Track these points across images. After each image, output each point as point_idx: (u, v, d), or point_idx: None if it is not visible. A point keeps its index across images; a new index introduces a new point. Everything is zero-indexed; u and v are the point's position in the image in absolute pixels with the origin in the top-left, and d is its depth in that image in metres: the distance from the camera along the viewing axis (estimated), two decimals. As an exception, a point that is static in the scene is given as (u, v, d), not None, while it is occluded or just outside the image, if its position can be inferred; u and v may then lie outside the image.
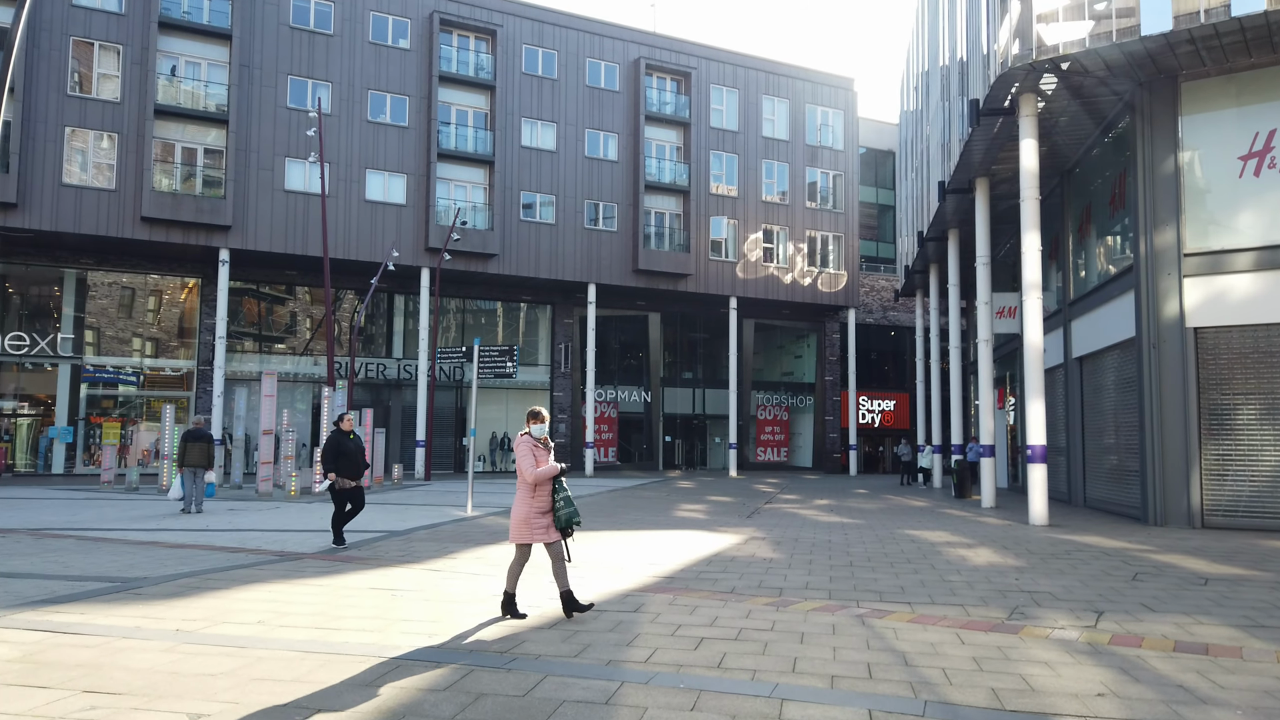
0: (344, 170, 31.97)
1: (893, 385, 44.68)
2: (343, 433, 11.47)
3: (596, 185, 36.29)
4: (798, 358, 44.27)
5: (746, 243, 38.95)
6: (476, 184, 34.57)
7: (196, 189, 30.17)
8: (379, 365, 34.91)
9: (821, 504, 21.20)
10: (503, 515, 16.21)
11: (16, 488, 23.63)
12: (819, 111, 41.19)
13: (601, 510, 18.00)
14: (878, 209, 48.28)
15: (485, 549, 11.43)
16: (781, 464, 42.46)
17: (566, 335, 37.72)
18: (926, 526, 15.51)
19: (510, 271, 34.44)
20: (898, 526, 15.39)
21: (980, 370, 21.53)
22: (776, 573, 9.84)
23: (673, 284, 37.28)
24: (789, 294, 39.69)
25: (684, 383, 40.95)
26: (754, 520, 16.49)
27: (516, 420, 37.38)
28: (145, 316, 32.38)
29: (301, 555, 10.56)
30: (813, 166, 40.85)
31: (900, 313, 44.61)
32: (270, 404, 19.85)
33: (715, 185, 38.66)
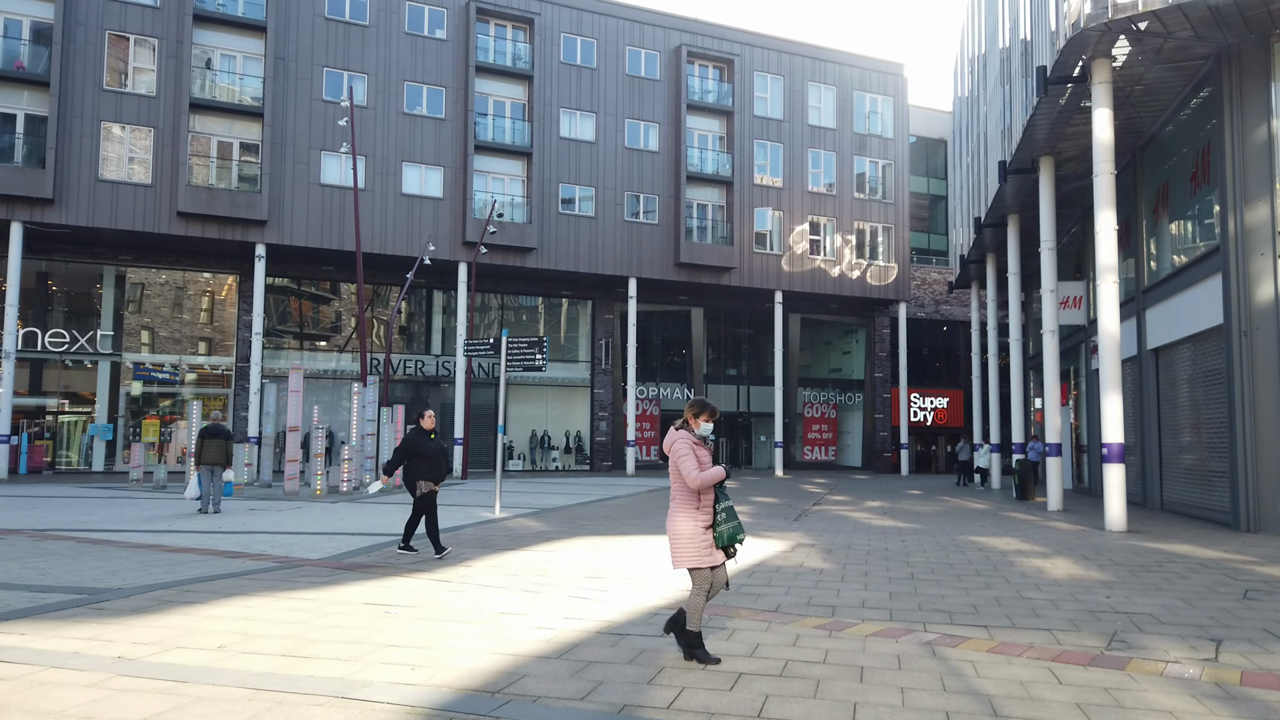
0: (380, 163, 31.27)
1: (945, 382, 42.94)
2: (423, 431, 10.26)
3: (637, 176, 35.19)
4: (846, 354, 42.74)
5: (792, 235, 37.56)
6: (514, 176, 33.67)
7: (232, 183, 29.68)
8: (418, 362, 34.20)
9: (874, 506, 19.86)
10: (532, 517, 15.18)
11: (50, 485, 23.21)
12: (867, 98, 39.64)
13: (638, 512, 16.89)
14: (929, 199, 46.50)
15: (504, 556, 10.38)
16: (829, 463, 40.98)
17: (607, 331, 36.68)
18: (992, 532, 14.14)
19: (549, 266, 33.49)
20: (960, 532, 14.05)
21: (1045, 364, 20.05)
22: (828, 586, 8.63)
23: (716, 278, 36.05)
24: (836, 287, 38.22)
25: (728, 380, 39.68)
26: (801, 524, 15.26)
27: (557, 418, 36.45)
28: (185, 313, 32.01)
29: (305, 562, 9.60)
30: (861, 155, 39.31)
31: (953, 306, 42.85)
32: (296, 400, 19.06)
33: (759, 176, 37.34)
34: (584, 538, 12.16)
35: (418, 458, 10.11)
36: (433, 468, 10.16)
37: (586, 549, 11.05)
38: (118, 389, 30.51)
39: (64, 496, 18.65)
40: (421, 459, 10.11)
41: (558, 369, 36.59)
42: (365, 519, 14.52)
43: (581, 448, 36.56)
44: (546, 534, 12.69)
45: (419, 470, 10.07)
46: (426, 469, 10.10)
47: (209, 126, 29.58)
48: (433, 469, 10.16)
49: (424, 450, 10.13)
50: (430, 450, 10.18)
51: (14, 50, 27.04)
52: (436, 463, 10.21)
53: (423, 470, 10.08)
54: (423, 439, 10.20)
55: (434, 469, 10.17)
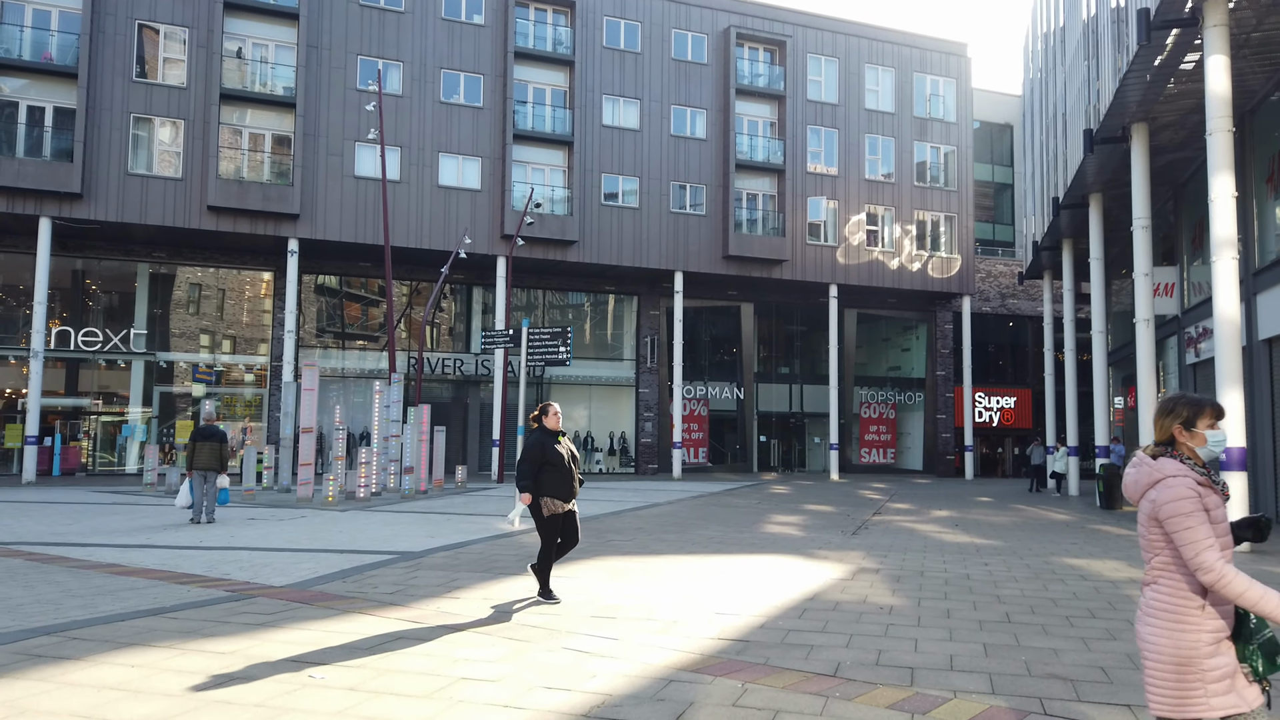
0: (415, 154, 29.88)
1: (1012, 380, 40.24)
2: (548, 432, 7.85)
3: (683, 166, 33.30)
4: (905, 350, 40.30)
5: (848, 225, 35.32)
6: (555, 166, 32.03)
7: (263, 176, 28.52)
8: (456, 361, 32.75)
9: (941, 516, 17.71)
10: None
11: (69, 488, 22.16)
12: (928, 80, 37.21)
13: (675, 523, 15.02)
14: (994, 188, 43.78)
15: (503, 584, 8.60)
16: (888, 466, 38.61)
17: (652, 328, 34.86)
18: (1088, 552, 11.97)
19: (591, 259, 31.78)
20: (1050, 551, 11.91)
21: (1139, 356, 17.73)
22: (902, 633, 6.69)
23: (766, 271, 33.98)
24: (895, 280, 35.86)
25: (780, 378, 37.57)
26: (861, 539, 13.24)
27: (601, 418, 34.74)
28: (220, 312, 30.99)
29: (263, 590, 7.94)
30: (922, 141, 36.89)
31: (1021, 300, 40.13)
32: (311, 399, 17.58)
33: (813, 163, 35.17)
34: (606, 558, 10.34)
35: (546, 468, 7.73)
36: (562, 481, 7.75)
37: (605, 574, 9.22)
38: (151, 389, 29.58)
39: (68, 502, 17.42)
40: (549, 470, 7.72)
41: (602, 367, 34.89)
42: (368, 531, 12.89)
43: (626, 449, 34.79)
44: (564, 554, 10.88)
45: (544, 484, 7.70)
46: (554, 482, 7.72)
47: (240, 118, 28.46)
48: (562, 482, 7.76)
49: (552, 458, 7.72)
50: (559, 458, 7.76)
51: (42, 42, 26.18)
52: (567, 474, 7.80)
53: (549, 484, 7.71)
54: (550, 442, 7.77)
55: (564, 483, 7.77)
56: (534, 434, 7.87)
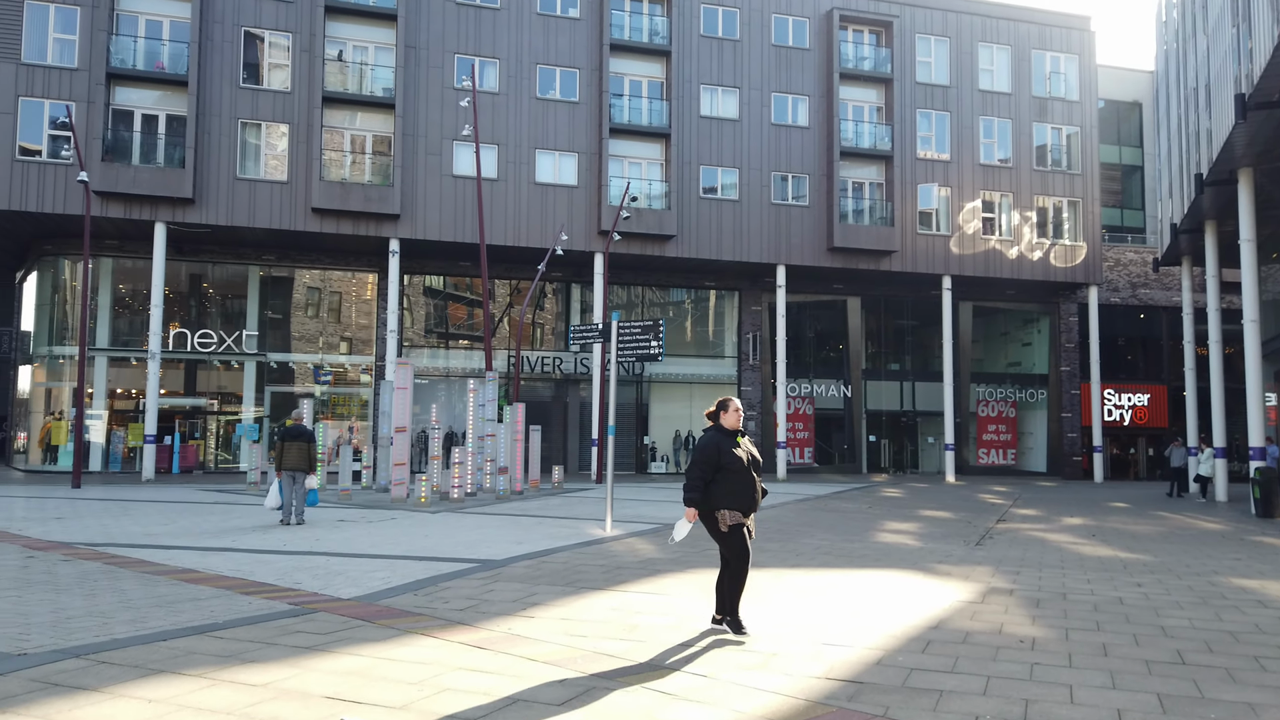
0: (512, 152, 29.55)
1: (1144, 376, 37.35)
2: (725, 432, 6.52)
3: (785, 155, 32.01)
4: (1026, 345, 37.90)
5: (962, 213, 33.34)
6: (652, 160, 31.23)
7: (365, 177, 28.69)
8: (555, 359, 32.34)
9: (1074, 525, 16.07)
10: (647, 537, 12.53)
11: (179, 487, 22.60)
12: (1048, 58, 34.82)
13: (780, 529, 13.96)
14: (1121, 170, 40.78)
15: (584, 601, 7.76)
16: (1008, 468, 36.35)
17: (754, 324, 33.68)
18: (1258, 570, 10.37)
19: (690, 254, 30.84)
20: (1211, 569, 10.37)
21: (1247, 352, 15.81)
22: (1050, 675, 5.53)
23: (874, 263, 32.36)
24: (1014, 270, 33.67)
25: (890, 375, 35.82)
26: (986, 550, 11.92)
27: (702, 418, 33.64)
28: (329, 313, 31.43)
29: (330, 603, 7.33)
30: (1041, 122, 34.55)
31: (1154, 289, 37.18)
32: (404, 398, 17.23)
33: (923, 149, 33.33)
34: (701, 571, 9.41)
35: (722, 473, 6.34)
36: (743, 489, 6.35)
37: (698, 590, 8.30)
38: (264, 388, 30.16)
39: (172, 501, 17.55)
40: (726, 476, 6.33)
41: (703, 365, 33.93)
42: (455, 535, 12.31)
43: (729, 449, 33.65)
44: (655, 563, 10.01)
45: (718, 494, 6.35)
46: (732, 491, 6.33)
47: (342, 120, 28.70)
48: (743, 491, 6.35)
49: (729, 462, 6.35)
50: (737, 463, 6.35)
51: (155, 51, 26.93)
52: (748, 481, 6.39)
53: (725, 493, 6.34)
54: (727, 444, 6.42)
55: (744, 491, 6.36)
56: (709, 434, 6.55)
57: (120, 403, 29.11)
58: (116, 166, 25.76)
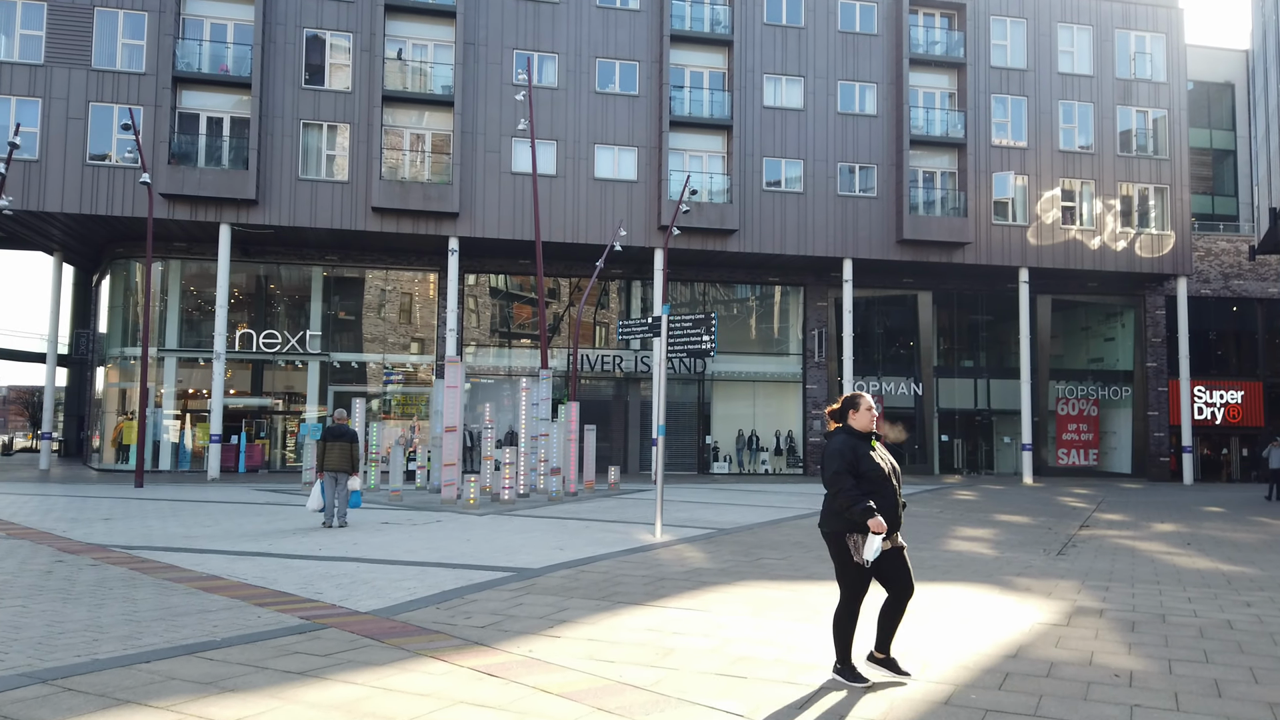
0: (571, 147, 29.04)
1: (1238, 372, 35.09)
2: (858, 435, 5.33)
3: (852, 145, 30.84)
4: (1109, 340, 35.94)
5: (1040, 202, 31.70)
6: (713, 153, 30.40)
7: (424, 176, 28.50)
8: (616, 358, 31.74)
9: (1166, 532, 14.78)
10: (697, 544, 11.77)
11: (236, 485, 22.64)
12: (1132, 37, 32.90)
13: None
14: (1212, 155, 38.42)
15: (618, 617, 7.06)
16: (1089, 469, 34.50)
17: (820, 320, 32.57)
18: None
19: (753, 249, 29.92)
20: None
21: None
22: (1155, 717, 4.64)
23: (946, 255, 30.96)
24: (1096, 262, 31.88)
25: (963, 372, 34.31)
26: (1069, 561, 10.85)
27: (766, 416, 32.83)
28: (392, 312, 31.40)
29: (347, 617, 6.79)
30: (1125, 105, 32.66)
31: (1248, 280, 34.89)
32: (454, 397, 16.79)
33: (998, 136, 31.79)
34: (751, 584, 8.63)
35: (859, 484, 5.19)
36: (886, 504, 5.21)
37: (746, 606, 7.52)
38: (327, 388, 30.24)
39: (225, 501, 17.44)
40: (865, 488, 5.19)
41: (767, 363, 32.97)
42: (496, 540, 11.75)
43: (793, 449, 32.69)
44: (702, 574, 9.25)
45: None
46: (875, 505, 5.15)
47: (401, 119, 28.56)
48: (886, 506, 5.21)
49: (868, 469, 5.23)
50: (877, 471, 5.24)
51: (219, 55, 27.14)
52: (889, 495, 5.27)
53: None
54: (862, 448, 5.27)
55: (887, 506, 5.22)
56: (840, 437, 5.31)
57: (192, 403, 29.49)
58: (182, 169, 26.01)
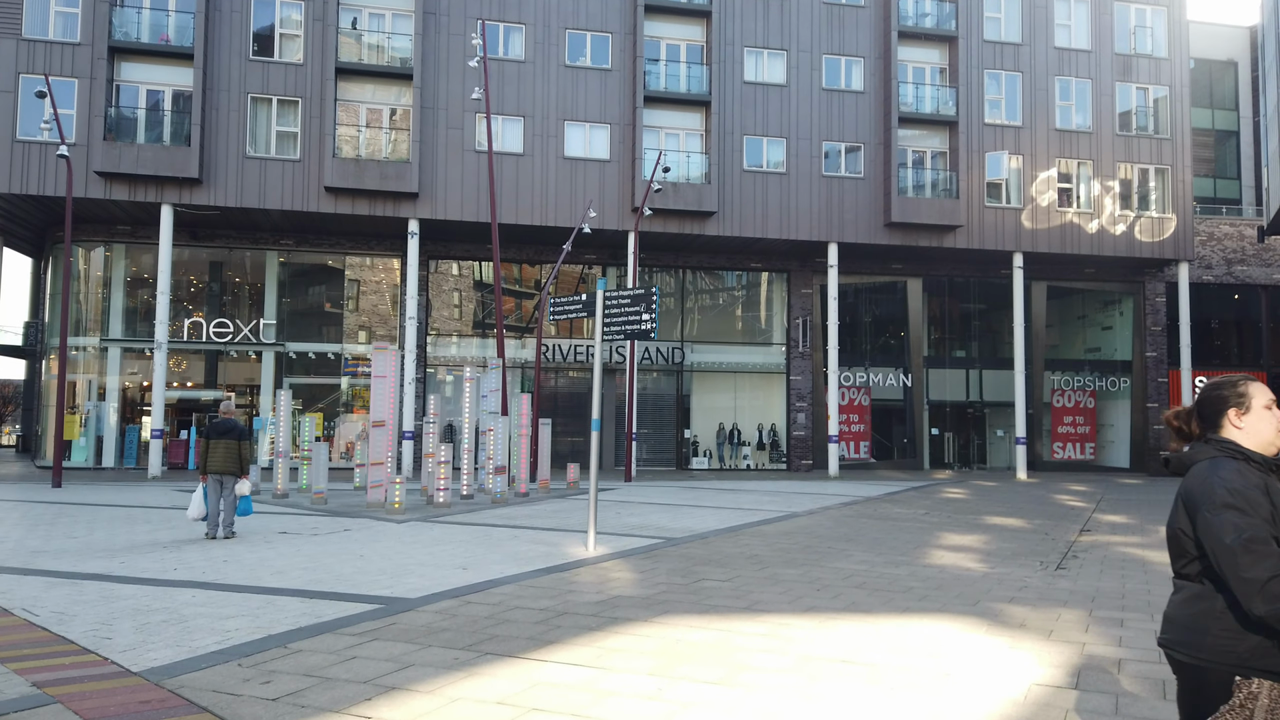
0: (540, 124, 27.14)
1: (1240, 362, 33.29)
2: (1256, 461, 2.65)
3: (837, 123, 28.95)
4: (1106, 329, 34.12)
5: (1035, 184, 29.84)
6: (691, 131, 28.50)
7: (381, 154, 26.59)
8: (588, 348, 29.87)
9: (1179, 539, 12.95)
10: (633, 561, 9.92)
11: (156, 487, 20.76)
12: (1132, 10, 31.00)
13: (806, 547, 11.22)
14: (1215, 136, 36.56)
15: (471, 681, 5.18)
16: (1086, 463, 32.71)
17: (805, 308, 30.71)
18: None
19: (732, 232, 28.05)
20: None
21: None
22: None
23: (936, 239, 29.11)
24: (1093, 246, 30.04)
25: (954, 363, 32.48)
26: (1071, 579, 9.02)
27: (748, 409, 30.98)
28: (351, 300, 29.50)
29: (98, 683, 4.95)
30: (1125, 82, 30.78)
31: (1252, 265, 33.07)
32: (383, 387, 14.92)
33: (991, 114, 29.90)
34: (675, 620, 6.78)
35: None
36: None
37: (652, 660, 5.66)
38: (282, 379, 28.36)
39: (121, 505, 15.56)
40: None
41: (749, 352, 31.12)
42: (397, 557, 9.89)
43: (777, 443, 30.86)
44: (617, 606, 7.39)
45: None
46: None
47: (356, 93, 26.62)
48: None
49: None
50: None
51: (160, 24, 25.19)
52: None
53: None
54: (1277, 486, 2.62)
55: None
56: (1226, 469, 2.59)
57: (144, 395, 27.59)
58: (119, 146, 24.07)
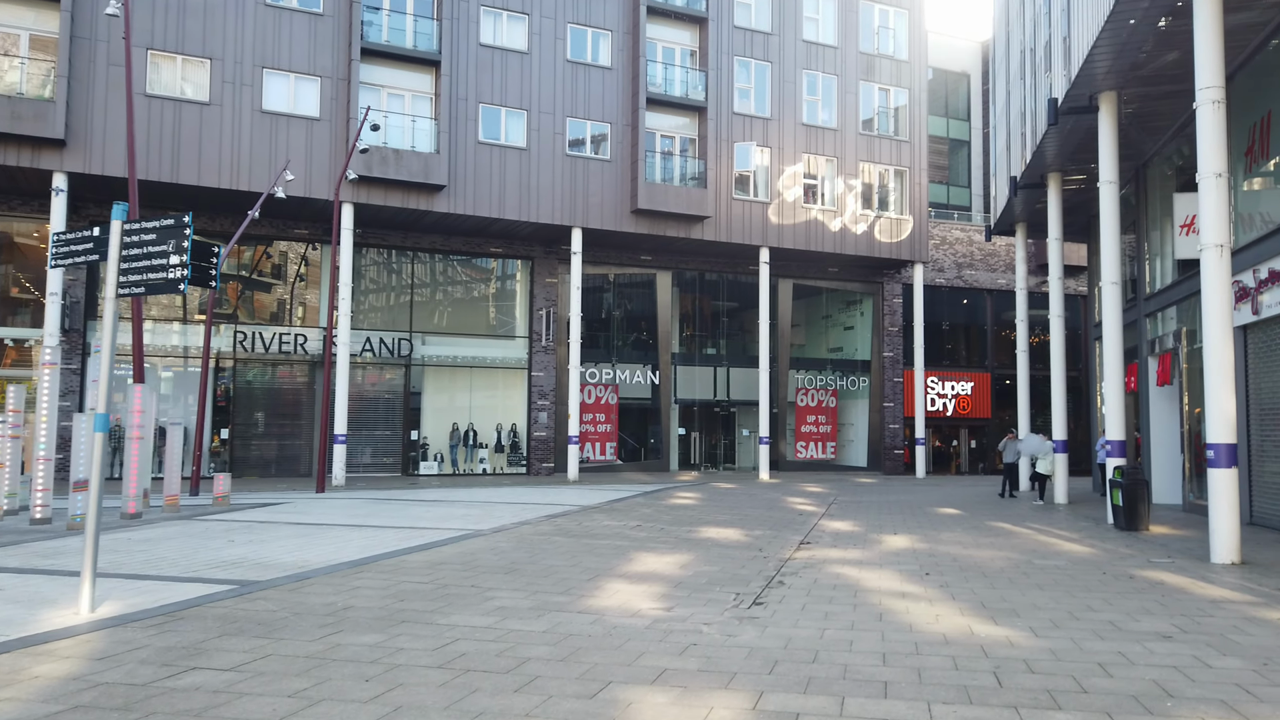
0: (231, 69, 22.75)
1: (968, 363, 34.28)
2: None
3: (583, 99, 26.57)
4: (848, 328, 34.06)
5: (782, 178, 28.91)
6: (419, 93, 25.07)
7: (20, 89, 21.17)
8: (299, 336, 25.65)
9: (898, 547, 11.22)
10: (145, 625, 6.56)
11: None
12: (876, 11, 30.90)
13: (449, 585, 8.31)
14: (949, 144, 37.71)
15: None
16: (827, 462, 32.34)
17: (549, 298, 28.11)
18: (1218, 674, 5.52)
19: (465, 210, 24.91)
20: (1155, 661, 5.44)
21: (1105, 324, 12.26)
22: None
23: (685, 229, 27.41)
24: (837, 244, 29.55)
25: (704, 360, 31.07)
26: (761, 622, 6.67)
27: (486, 409, 27.90)
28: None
29: None
30: (869, 81, 30.60)
31: (979, 270, 34.13)
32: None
33: (741, 103, 28.67)
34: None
35: None
36: None
37: None
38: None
39: None
40: None
41: (488, 346, 28.06)
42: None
43: (517, 445, 28.01)
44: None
45: None
46: None
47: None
48: None
49: None
50: None
51: None
52: None
53: None
54: None
55: None
56: None
57: None
58: None
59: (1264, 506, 13.43)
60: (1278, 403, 12.84)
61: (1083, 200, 21.65)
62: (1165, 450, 18.21)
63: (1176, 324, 17.13)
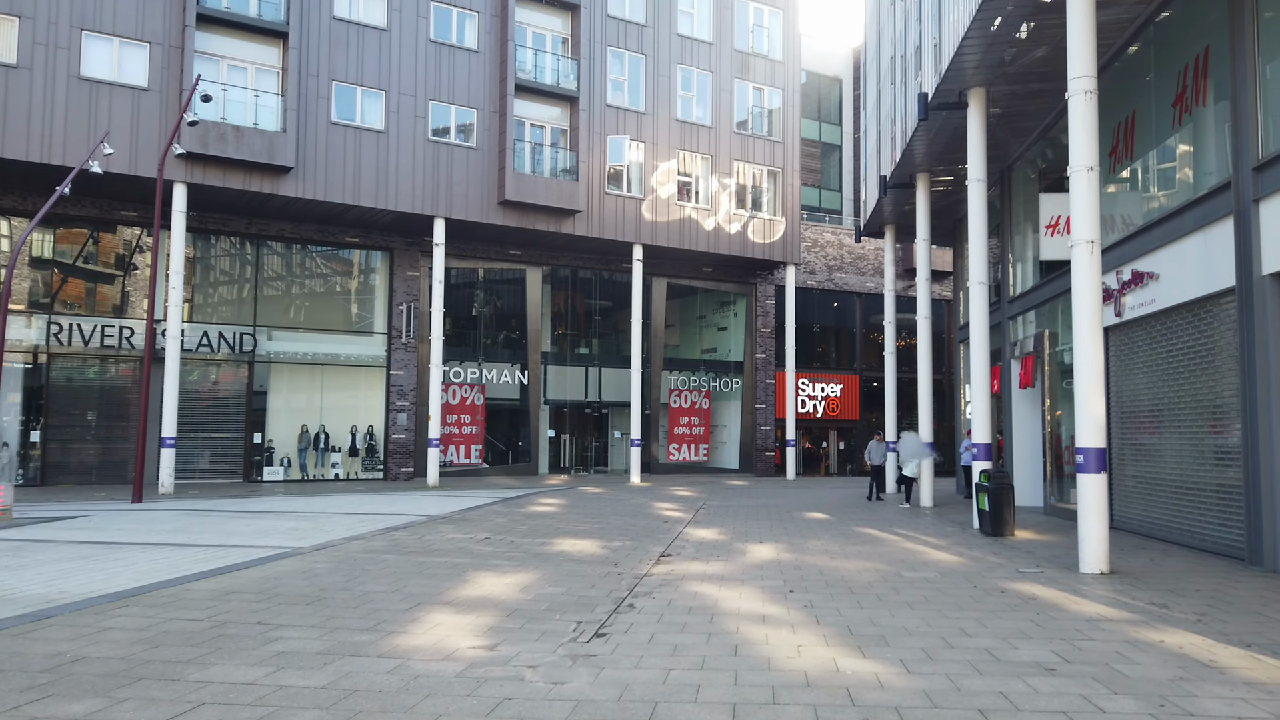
0: (45, 30, 20.15)
1: (837, 365, 34.39)
2: None
3: (447, 82, 25.00)
4: (722, 329, 33.59)
5: (656, 174, 28.09)
6: (264, 66, 22.94)
7: None
8: (123, 329, 23.06)
9: (762, 559, 10.36)
10: None
11: None
12: (751, 9, 30.52)
13: (225, 625, 6.86)
14: (821, 148, 37.84)
15: None
16: (699, 465, 31.74)
17: (410, 293, 26.38)
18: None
19: (316, 195, 22.94)
20: (1052, 706, 4.64)
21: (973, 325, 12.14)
22: None
23: (555, 223, 26.21)
24: (711, 244, 28.97)
25: (576, 360, 29.94)
26: (598, 660, 5.56)
27: (339, 410, 25.88)
28: None
29: None
30: (743, 79, 30.18)
31: (849, 274, 34.29)
32: None
33: (614, 95, 27.69)
34: None
35: None
36: None
37: None
38: None
39: None
40: None
41: (342, 342, 26.08)
42: None
43: (373, 448, 26.13)
44: None
45: None
46: None
47: None
48: None
49: None
50: None
51: None
52: None
53: None
54: None
55: None
56: None
57: None
58: None
59: (1124, 510, 13.31)
60: (1138, 406, 12.73)
61: (949, 204, 21.67)
62: (1027, 452, 18.22)
63: (1038, 327, 17.12)
